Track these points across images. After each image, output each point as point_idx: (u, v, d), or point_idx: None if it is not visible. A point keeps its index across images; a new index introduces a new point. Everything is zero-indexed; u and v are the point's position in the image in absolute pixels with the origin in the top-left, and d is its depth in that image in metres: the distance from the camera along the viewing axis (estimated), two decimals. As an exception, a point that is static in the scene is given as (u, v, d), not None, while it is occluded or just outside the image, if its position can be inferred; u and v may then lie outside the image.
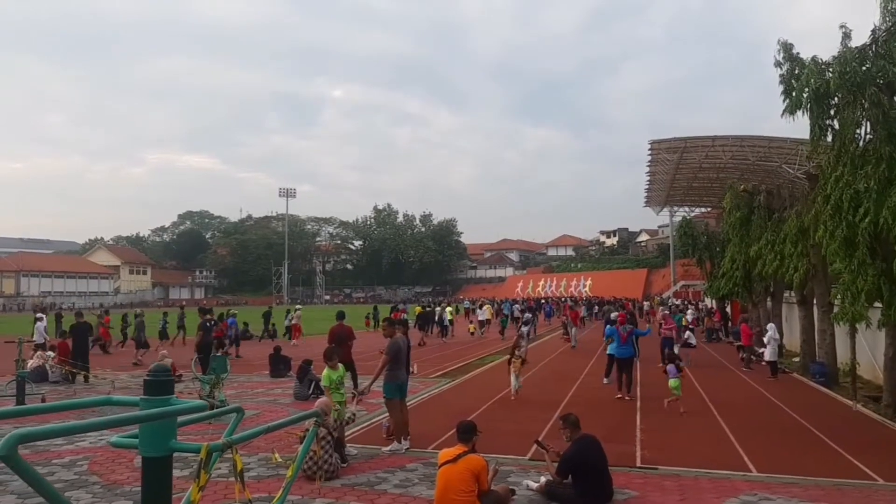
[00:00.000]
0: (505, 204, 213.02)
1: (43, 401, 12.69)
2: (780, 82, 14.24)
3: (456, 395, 14.40)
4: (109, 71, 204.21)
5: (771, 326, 18.23)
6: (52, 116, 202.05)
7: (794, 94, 13.55)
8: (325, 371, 9.23)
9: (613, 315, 15.93)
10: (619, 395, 13.91)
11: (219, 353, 14.46)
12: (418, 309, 36.20)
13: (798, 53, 14.33)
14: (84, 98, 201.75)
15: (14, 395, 12.84)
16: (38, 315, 23.56)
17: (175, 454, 3.07)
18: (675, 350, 19.03)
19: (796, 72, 13.99)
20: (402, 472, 8.07)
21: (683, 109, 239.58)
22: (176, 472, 4.20)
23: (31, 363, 15.95)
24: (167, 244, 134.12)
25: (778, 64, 14.42)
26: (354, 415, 10.27)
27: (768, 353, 17.39)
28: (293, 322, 29.33)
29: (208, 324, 16.15)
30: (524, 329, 22.43)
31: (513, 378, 13.69)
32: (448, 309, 34.40)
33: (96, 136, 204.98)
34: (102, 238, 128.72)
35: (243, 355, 22.82)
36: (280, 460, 5.93)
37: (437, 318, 31.81)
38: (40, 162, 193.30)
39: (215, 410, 4.00)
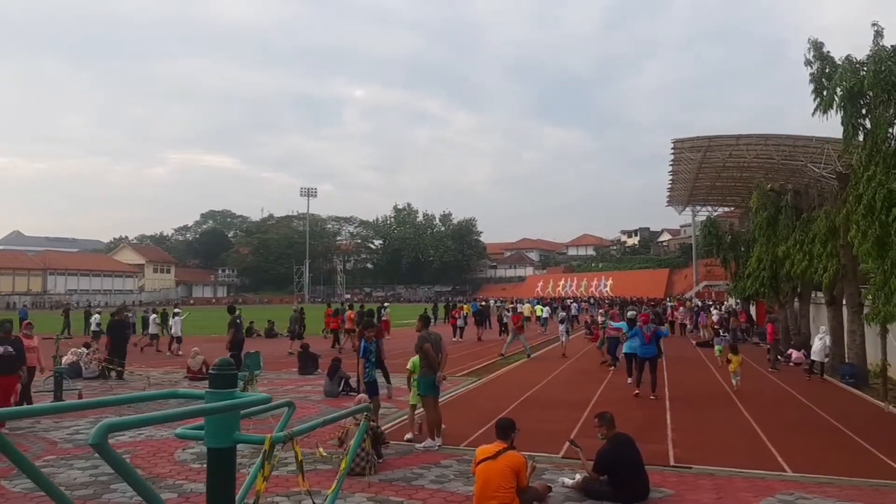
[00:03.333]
0: (524, 203, 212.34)
1: (80, 396, 12.97)
2: (811, 81, 14.15)
3: (484, 394, 14.49)
4: (131, 72, 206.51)
5: (823, 328, 18.18)
6: (76, 117, 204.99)
7: (825, 92, 13.48)
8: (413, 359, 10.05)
9: (630, 314, 15.94)
10: (637, 392, 13.95)
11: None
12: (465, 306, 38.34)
13: (828, 52, 14.24)
14: (106, 99, 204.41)
15: (52, 390, 13.15)
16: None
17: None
18: (619, 352, 18.90)
19: (827, 70, 13.90)
20: (437, 468, 8.18)
21: (704, 108, 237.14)
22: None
23: (66, 359, 16.25)
24: (190, 243, 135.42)
25: (808, 63, 14.33)
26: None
27: (817, 354, 17.24)
28: (383, 318, 31.46)
29: (238, 321, 16.37)
30: (561, 328, 23.97)
31: (732, 377, 15.19)
32: (527, 306, 37.18)
33: (119, 136, 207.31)
34: (127, 237, 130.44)
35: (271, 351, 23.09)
36: (325, 455, 6.07)
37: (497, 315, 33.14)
38: (65, 162, 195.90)
39: (272, 404, 4.11)
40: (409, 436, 9.70)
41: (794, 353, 20.35)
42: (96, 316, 28.10)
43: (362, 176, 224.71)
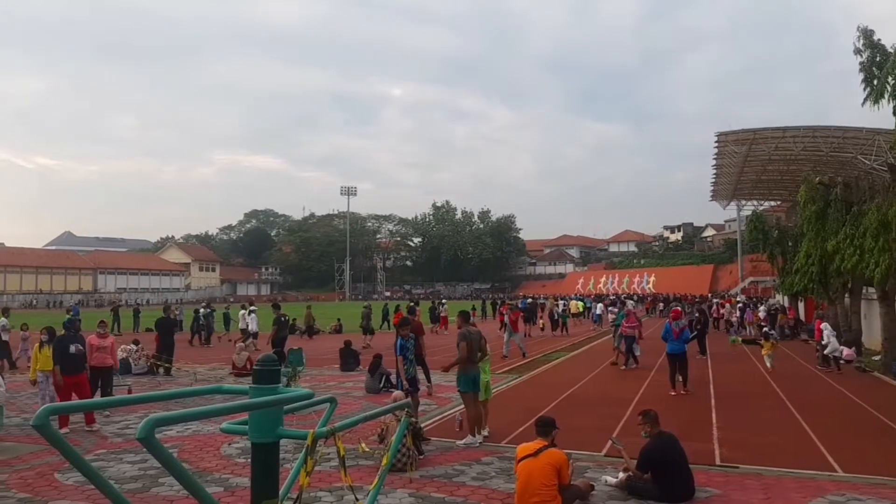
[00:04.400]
0: (565, 199, 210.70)
1: (129, 391, 13.34)
2: (861, 70, 13.76)
3: (525, 391, 14.43)
4: (177, 74, 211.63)
5: (825, 326, 17.93)
6: (125, 120, 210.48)
7: (876, 82, 13.08)
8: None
9: None
10: (674, 392, 13.68)
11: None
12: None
13: (879, 40, 13.82)
14: (154, 101, 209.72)
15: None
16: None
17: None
18: (636, 349, 18.44)
19: (877, 59, 13.49)
20: (479, 465, 8.18)
21: (748, 100, 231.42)
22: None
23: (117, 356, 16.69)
24: (234, 242, 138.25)
25: (857, 51, 13.94)
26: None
27: (831, 349, 17.04)
28: (441, 314, 34.29)
29: (283, 319, 16.62)
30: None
31: (766, 358, 17.38)
32: (573, 303, 40.12)
33: (166, 138, 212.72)
34: (173, 236, 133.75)
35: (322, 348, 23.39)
36: (367, 450, 6.12)
37: (548, 311, 33.60)
38: (114, 164, 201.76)
39: (315, 399, 4.15)
40: (485, 432, 9.75)
41: (846, 351, 19.76)
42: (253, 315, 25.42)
43: (401, 173, 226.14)
